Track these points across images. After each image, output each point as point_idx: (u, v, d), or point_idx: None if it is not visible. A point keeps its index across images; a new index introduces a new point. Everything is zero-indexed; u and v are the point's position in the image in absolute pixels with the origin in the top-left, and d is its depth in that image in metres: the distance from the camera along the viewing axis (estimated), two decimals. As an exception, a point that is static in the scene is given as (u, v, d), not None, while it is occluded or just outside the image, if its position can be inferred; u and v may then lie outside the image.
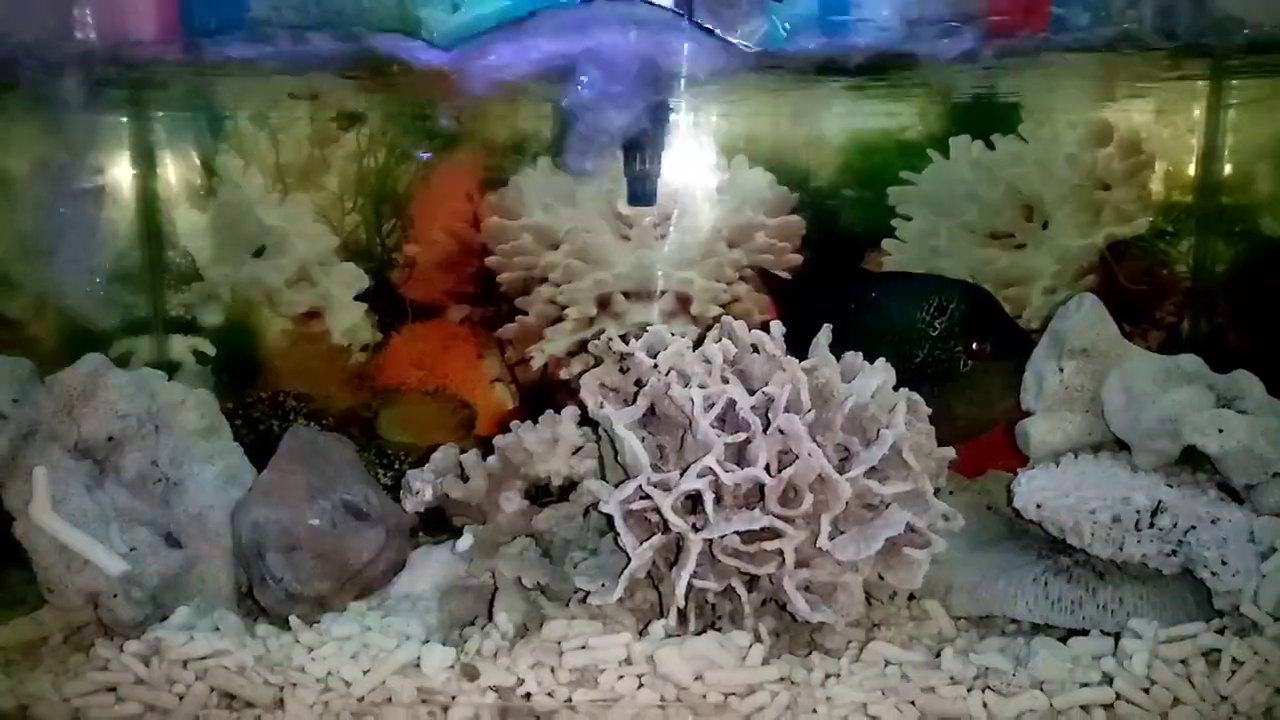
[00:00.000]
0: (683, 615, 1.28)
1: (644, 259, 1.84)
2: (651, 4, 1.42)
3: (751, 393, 1.31)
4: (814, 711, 1.19)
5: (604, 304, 1.85)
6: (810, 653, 1.28)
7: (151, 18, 1.47)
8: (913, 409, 1.39)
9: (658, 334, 1.40)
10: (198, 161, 1.93)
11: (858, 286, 1.70)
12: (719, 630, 1.28)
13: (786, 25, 1.48)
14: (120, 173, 1.93)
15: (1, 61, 1.47)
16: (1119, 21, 1.43)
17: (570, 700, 1.20)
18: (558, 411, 1.49)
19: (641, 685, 1.21)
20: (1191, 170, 1.85)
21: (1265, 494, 1.31)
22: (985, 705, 1.18)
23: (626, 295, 1.85)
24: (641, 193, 1.76)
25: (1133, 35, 1.44)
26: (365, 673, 1.23)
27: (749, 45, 1.43)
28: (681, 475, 1.26)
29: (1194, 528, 1.29)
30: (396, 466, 1.73)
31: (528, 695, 1.21)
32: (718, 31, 1.44)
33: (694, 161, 1.84)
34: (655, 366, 1.35)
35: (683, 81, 1.57)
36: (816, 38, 1.47)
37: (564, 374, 1.87)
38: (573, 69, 1.48)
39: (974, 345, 1.54)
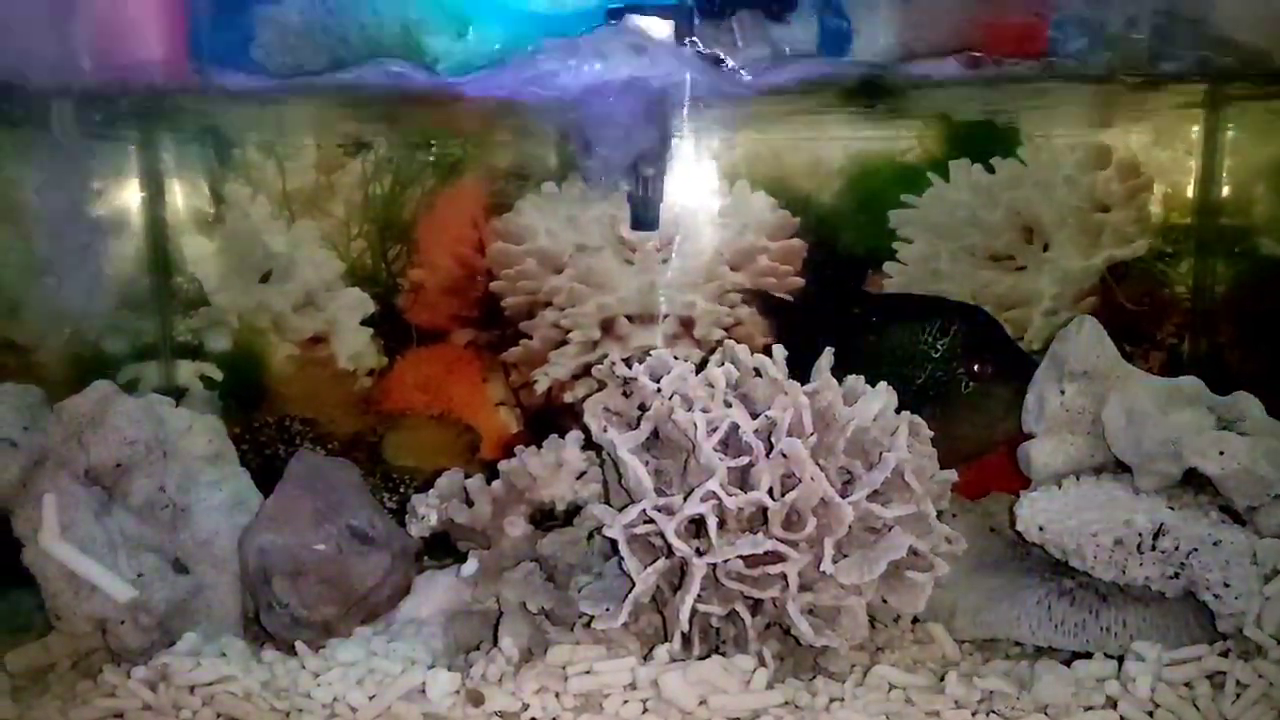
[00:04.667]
0: (687, 639, 1.28)
1: (647, 283, 1.85)
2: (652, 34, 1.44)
3: (754, 416, 1.32)
4: (818, 735, 1.19)
5: (608, 328, 1.86)
6: (814, 676, 1.28)
7: (158, 46, 1.49)
8: (914, 432, 1.39)
9: (661, 358, 1.41)
10: (206, 188, 1.95)
11: (859, 308, 1.71)
12: (723, 654, 1.28)
13: (787, 50, 1.50)
14: (128, 199, 1.95)
15: (9, 89, 1.49)
16: (1116, 45, 1.45)
17: (575, 725, 1.20)
18: (562, 435, 1.49)
19: (646, 710, 1.21)
20: (1190, 192, 1.86)
21: (1267, 516, 1.31)
22: (989, 729, 1.18)
23: (630, 319, 1.86)
24: (644, 217, 1.78)
25: (1130, 59, 1.46)
26: (371, 698, 1.23)
27: (749, 73, 1.45)
28: (685, 499, 1.27)
29: (1196, 550, 1.29)
30: (402, 490, 1.74)
31: (533, 720, 1.21)
32: (721, 57, 1.46)
33: (696, 186, 1.86)
34: (658, 390, 1.36)
35: (685, 108, 1.59)
36: (817, 64, 1.49)
37: (568, 397, 1.87)
38: (578, 96, 1.50)
39: (975, 367, 1.55)
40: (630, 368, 1.40)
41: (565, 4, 1.47)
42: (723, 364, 1.39)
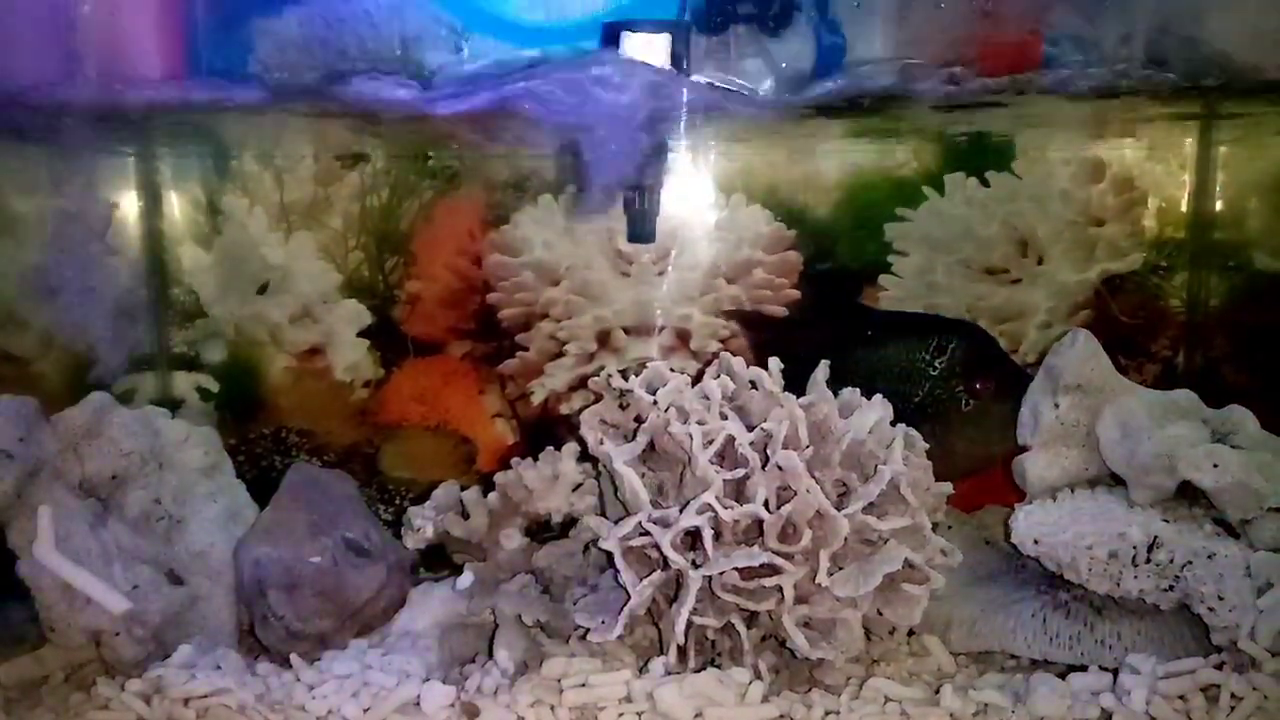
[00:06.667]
0: (682, 652, 1.28)
1: (643, 295, 1.86)
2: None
3: (750, 429, 1.32)
4: (814, 749, 1.19)
5: (604, 340, 1.87)
6: (810, 689, 1.28)
7: (157, 58, 1.49)
8: (910, 444, 1.40)
9: (657, 370, 1.41)
10: (203, 200, 1.95)
11: (855, 324, 1.71)
12: (719, 667, 1.28)
13: (783, 65, 1.50)
14: (126, 211, 1.96)
15: (8, 103, 1.49)
16: (1111, 60, 1.46)
17: (570, 738, 1.20)
18: (558, 446, 1.50)
19: (641, 723, 1.21)
20: (1184, 206, 1.87)
21: (1260, 528, 1.32)
22: (985, 742, 1.18)
23: (626, 331, 1.87)
24: (641, 230, 1.78)
25: (1124, 74, 1.46)
26: (366, 711, 1.23)
27: (744, 88, 1.46)
28: (681, 511, 1.27)
29: (1190, 563, 1.29)
30: (398, 502, 1.74)
31: (528, 733, 1.21)
32: (716, 82, 1.47)
33: (692, 199, 1.86)
34: (654, 403, 1.36)
35: (681, 122, 1.60)
36: (812, 78, 1.50)
37: (564, 409, 1.88)
38: (571, 112, 1.51)
39: (977, 385, 1.55)
40: (626, 380, 1.41)
41: (562, 18, 1.48)
42: (719, 376, 1.39)
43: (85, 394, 1.45)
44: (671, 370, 1.41)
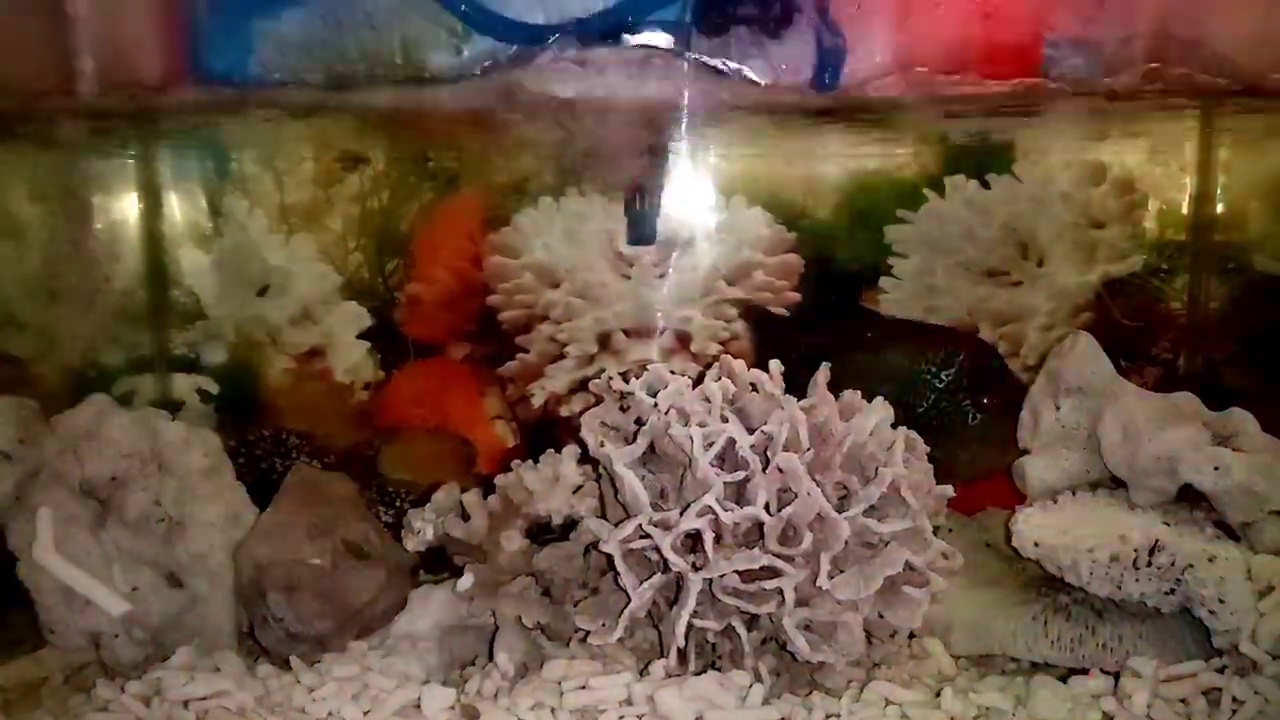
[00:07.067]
0: (683, 655, 1.28)
1: (644, 297, 1.86)
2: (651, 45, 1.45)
3: (751, 431, 1.32)
4: (814, 752, 1.19)
5: (604, 342, 1.87)
6: (810, 692, 1.28)
7: (158, 60, 1.50)
8: (910, 447, 1.40)
9: (657, 372, 1.41)
10: (204, 202, 1.95)
11: (857, 326, 1.71)
12: (719, 670, 1.28)
13: (783, 66, 1.50)
14: (125, 212, 1.96)
15: (9, 105, 1.50)
16: (1111, 63, 1.46)
17: (571, 741, 1.20)
18: (558, 449, 1.49)
19: (642, 725, 1.21)
20: (1185, 208, 1.87)
21: (1262, 531, 1.32)
22: (986, 745, 1.18)
23: (627, 333, 1.86)
24: (641, 232, 1.78)
25: (1125, 76, 1.47)
26: (366, 713, 1.23)
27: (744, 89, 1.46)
28: (681, 514, 1.27)
29: (1192, 566, 1.29)
30: (398, 505, 1.74)
31: (528, 736, 1.21)
32: (718, 72, 1.47)
33: (692, 201, 1.86)
34: (655, 405, 1.36)
35: (682, 123, 1.60)
36: (812, 80, 1.50)
37: (565, 411, 1.87)
38: (575, 110, 1.51)
39: (984, 399, 1.55)
40: (627, 382, 1.40)
41: (563, 19, 1.48)
42: (719, 379, 1.39)
43: (85, 395, 1.45)
44: (672, 372, 1.41)
